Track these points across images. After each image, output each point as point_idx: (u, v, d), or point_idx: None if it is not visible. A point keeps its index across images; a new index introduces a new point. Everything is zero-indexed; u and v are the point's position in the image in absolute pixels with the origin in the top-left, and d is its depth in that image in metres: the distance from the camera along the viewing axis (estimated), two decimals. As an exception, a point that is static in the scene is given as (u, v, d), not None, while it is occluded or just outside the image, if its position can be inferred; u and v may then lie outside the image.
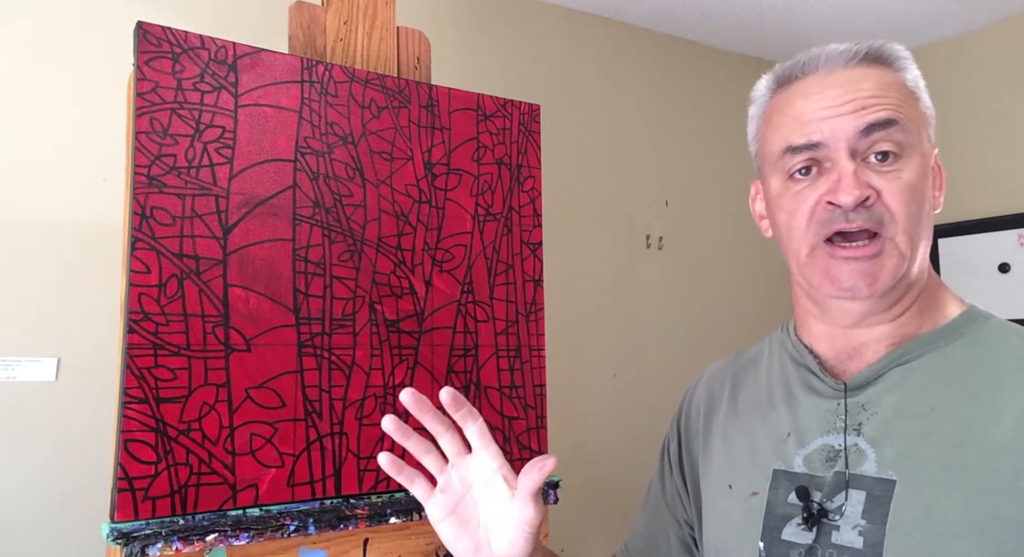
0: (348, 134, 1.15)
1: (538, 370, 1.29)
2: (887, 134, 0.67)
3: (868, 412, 0.68)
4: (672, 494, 0.87)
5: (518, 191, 1.30)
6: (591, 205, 2.26)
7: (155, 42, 1.02)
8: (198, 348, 1.00)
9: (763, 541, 0.69)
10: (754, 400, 0.78)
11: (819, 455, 0.69)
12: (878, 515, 0.63)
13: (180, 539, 0.94)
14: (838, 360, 0.73)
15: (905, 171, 0.67)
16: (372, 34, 1.25)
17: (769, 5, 2.24)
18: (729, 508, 0.74)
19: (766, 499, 0.71)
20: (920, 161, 0.68)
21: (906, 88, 0.71)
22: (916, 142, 0.68)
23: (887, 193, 0.66)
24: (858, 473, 0.66)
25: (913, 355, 0.69)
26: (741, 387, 0.81)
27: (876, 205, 0.66)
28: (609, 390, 2.22)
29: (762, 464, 0.73)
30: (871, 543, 0.62)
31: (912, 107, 0.70)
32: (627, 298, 2.30)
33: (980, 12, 2.26)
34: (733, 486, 0.75)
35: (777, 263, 2.95)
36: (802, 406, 0.73)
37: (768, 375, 0.79)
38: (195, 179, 1.03)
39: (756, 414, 0.77)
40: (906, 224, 0.66)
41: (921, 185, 0.68)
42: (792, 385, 0.75)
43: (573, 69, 2.27)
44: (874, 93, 0.68)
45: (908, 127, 0.68)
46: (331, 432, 1.08)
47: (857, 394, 0.70)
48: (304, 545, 1.04)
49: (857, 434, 0.67)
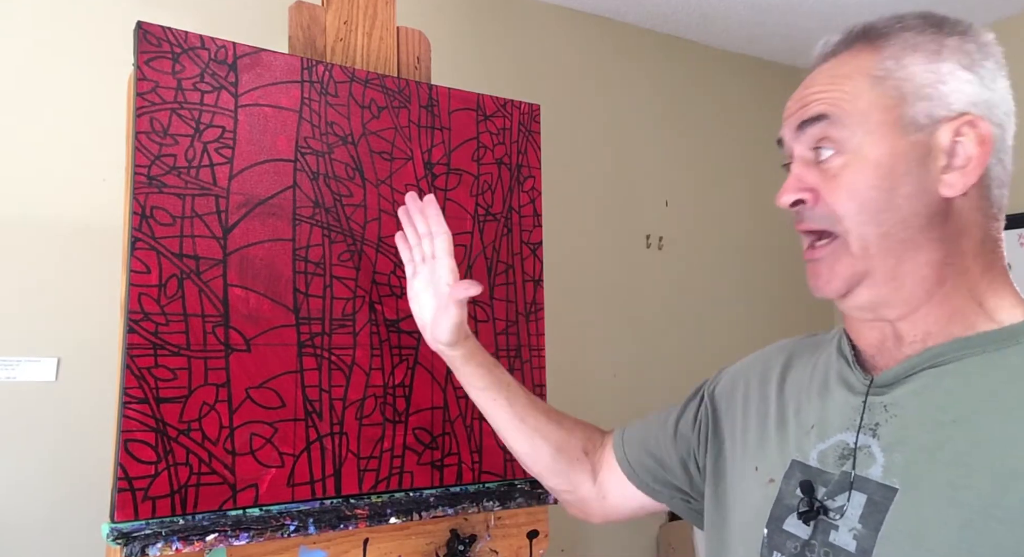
0: (348, 134, 1.15)
1: (538, 370, 1.29)
2: (820, 129, 0.66)
3: (888, 413, 0.65)
4: (687, 426, 0.88)
5: (518, 191, 1.30)
6: (591, 205, 2.26)
7: (155, 42, 1.01)
8: (198, 348, 1.00)
9: (767, 528, 0.70)
10: (797, 385, 0.77)
11: (834, 451, 0.68)
12: (873, 522, 0.61)
13: (180, 539, 0.94)
14: (876, 351, 0.69)
15: (849, 167, 0.64)
16: (372, 34, 1.25)
17: (769, 5, 2.24)
18: (751, 489, 0.75)
19: (779, 487, 0.71)
20: (879, 148, 0.63)
21: (866, 74, 0.65)
22: (862, 133, 0.64)
23: (824, 191, 0.65)
24: (863, 476, 0.64)
25: (950, 357, 0.63)
26: (792, 368, 0.80)
27: (819, 205, 0.66)
28: (609, 390, 2.22)
29: (785, 452, 0.72)
30: (863, 549, 0.61)
31: (865, 94, 0.65)
32: (627, 298, 2.30)
33: (980, 12, 2.26)
34: (759, 468, 0.75)
35: (777, 263, 2.95)
36: (833, 398, 0.71)
37: (817, 362, 0.77)
38: (195, 179, 1.03)
39: (793, 401, 0.76)
40: (854, 221, 0.63)
41: (868, 178, 0.63)
42: (830, 376, 0.73)
43: (573, 69, 2.27)
44: (818, 88, 0.67)
45: (844, 120, 0.64)
46: (331, 432, 1.08)
47: (882, 393, 0.66)
48: (304, 545, 1.04)
49: (872, 435, 0.65)
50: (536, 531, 1.24)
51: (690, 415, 0.89)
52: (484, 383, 0.98)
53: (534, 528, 1.24)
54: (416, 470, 1.14)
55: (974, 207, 0.64)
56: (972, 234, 0.64)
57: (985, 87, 0.64)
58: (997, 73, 0.65)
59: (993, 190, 0.65)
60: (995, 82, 0.65)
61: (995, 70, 0.65)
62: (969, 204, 0.64)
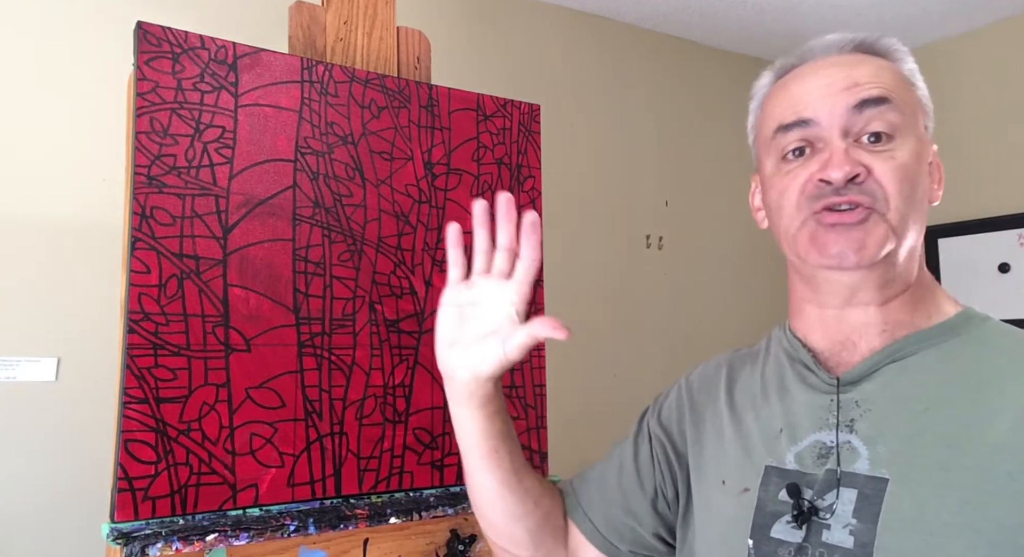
0: (348, 134, 1.15)
1: (538, 370, 1.29)
2: (879, 112, 0.67)
3: (861, 408, 0.67)
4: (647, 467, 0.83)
5: (518, 191, 1.30)
6: (591, 205, 2.26)
7: (155, 42, 1.02)
8: (198, 348, 1.00)
9: (752, 538, 0.69)
10: (748, 394, 0.77)
11: (811, 452, 0.68)
12: (869, 514, 0.62)
13: (180, 539, 0.94)
14: (832, 352, 0.72)
15: (899, 151, 0.67)
16: (372, 34, 1.25)
17: (769, 5, 2.24)
18: (722, 503, 0.74)
19: (756, 496, 0.70)
20: (915, 144, 0.68)
21: (901, 75, 0.71)
22: (911, 124, 0.68)
23: (879, 171, 0.66)
24: (850, 471, 0.65)
25: (908, 351, 0.68)
26: (736, 381, 0.81)
27: (868, 182, 0.66)
28: (609, 390, 2.22)
29: (754, 460, 0.72)
30: (861, 543, 0.61)
31: (907, 92, 0.70)
32: (627, 298, 2.30)
33: (980, 12, 2.26)
34: (726, 481, 0.74)
35: (777, 263, 2.94)
36: (796, 401, 0.72)
37: (763, 370, 0.78)
38: (195, 179, 1.03)
39: (749, 408, 0.76)
40: (898, 202, 0.66)
41: (916, 167, 0.67)
42: (786, 379, 0.74)
43: (573, 69, 2.27)
44: (868, 73, 0.69)
45: (903, 108, 0.68)
46: (331, 432, 1.08)
47: (850, 390, 0.68)
48: (304, 545, 1.04)
49: (850, 431, 0.66)
50: (536, 531, 1.24)
51: (644, 454, 0.84)
52: (495, 430, 0.78)
53: (534, 528, 1.24)
54: (416, 470, 1.14)
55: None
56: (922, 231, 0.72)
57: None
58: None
59: None
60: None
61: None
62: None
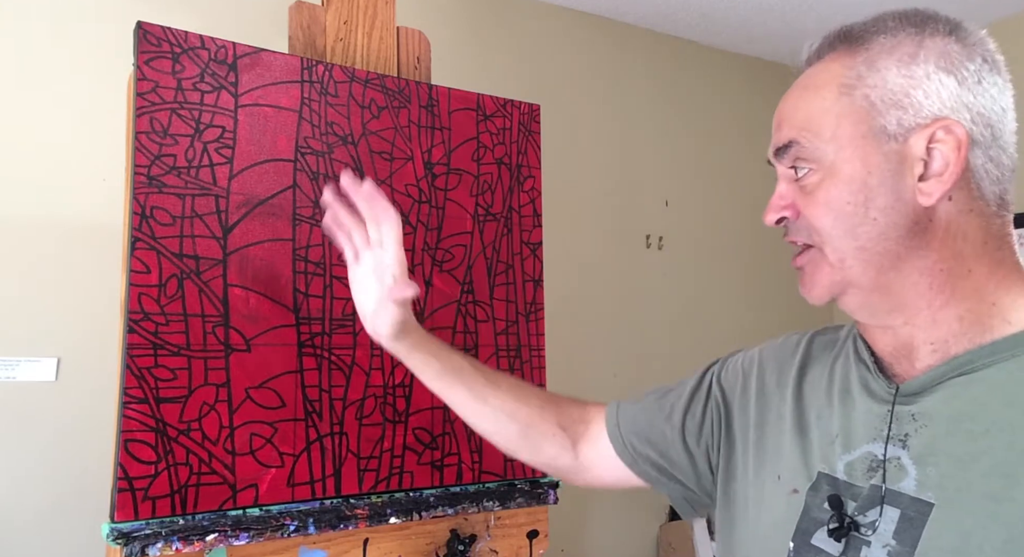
0: (348, 134, 1.15)
1: (538, 370, 1.29)
2: (790, 156, 0.67)
3: (917, 423, 0.62)
4: (695, 423, 0.85)
5: (518, 191, 1.30)
6: (591, 205, 2.26)
7: (155, 42, 1.01)
8: (198, 348, 1.00)
9: (794, 541, 0.68)
10: (816, 390, 0.75)
11: (862, 463, 0.65)
12: (909, 538, 0.58)
13: (180, 539, 0.94)
14: (894, 358, 0.67)
15: (825, 184, 0.64)
16: (372, 34, 1.25)
17: (769, 5, 2.24)
18: (774, 497, 0.72)
19: (804, 499, 0.68)
20: (850, 167, 0.63)
21: (835, 84, 0.64)
22: (834, 149, 0.64)
23: (803, 208, 0.66)
24: (895, 489, 0.61)
25: (977, 365, 0.61)
26: (808, 372, 0.77)
27: (800, 219, 0.67)
28: (609, 390, 2.21)
29: (808, 463, 0.70)
30: None
31: (833, 107, 0.64)
32: (627, 298, 2.31)
33: (980, 12, 2.26)
34: (781, 477, 0.72)
35: (777, 263, 2.95)
36: (855, 406, 0.69)
37: (833, 366, 0.75)
38: (195, 179, 1.03)
39: (813, 406, 0.74)
40: (829, 235, 0.64)
41: (842, 193, 0.63)
42: (850, 381, 0.71)
43: (573, 69, 2.27)
44: (789, 107, 0.68)
45: (814, 140, 0.64)
46: (331, 432, 1.08)
47: (909, 402, 0.64)
48: (304, 545, 1.04)
49: (902, 446, 0.63)
50: (536, 531, 1.24)
51: (697, 410, 0.85)
52: (434, 372, 0.93)
53: (534, 528, 1.24)
54: (416, 470, 1.14)
55: (964, 209, 0.62)
56: (969, 236, 0.62)
57: (967, 89, 0.62)
58: (984, 73, 0.63)
59: (986, 188, 0.62)
60: (980, 83, 0.63)
61: (981, 70, 0.63)
62: (957, 207, 0.62)
